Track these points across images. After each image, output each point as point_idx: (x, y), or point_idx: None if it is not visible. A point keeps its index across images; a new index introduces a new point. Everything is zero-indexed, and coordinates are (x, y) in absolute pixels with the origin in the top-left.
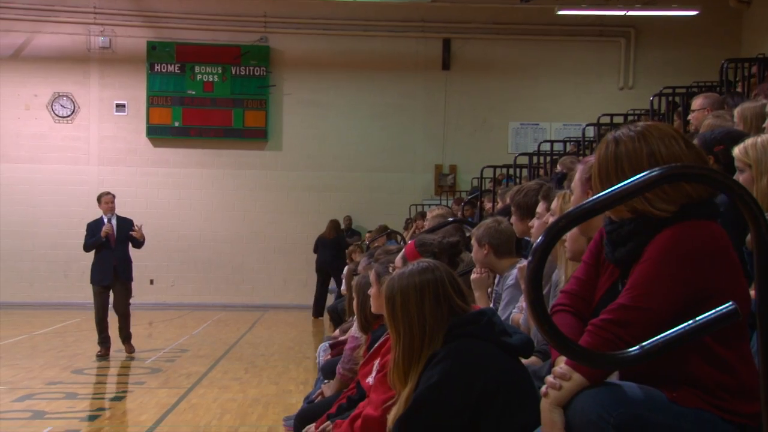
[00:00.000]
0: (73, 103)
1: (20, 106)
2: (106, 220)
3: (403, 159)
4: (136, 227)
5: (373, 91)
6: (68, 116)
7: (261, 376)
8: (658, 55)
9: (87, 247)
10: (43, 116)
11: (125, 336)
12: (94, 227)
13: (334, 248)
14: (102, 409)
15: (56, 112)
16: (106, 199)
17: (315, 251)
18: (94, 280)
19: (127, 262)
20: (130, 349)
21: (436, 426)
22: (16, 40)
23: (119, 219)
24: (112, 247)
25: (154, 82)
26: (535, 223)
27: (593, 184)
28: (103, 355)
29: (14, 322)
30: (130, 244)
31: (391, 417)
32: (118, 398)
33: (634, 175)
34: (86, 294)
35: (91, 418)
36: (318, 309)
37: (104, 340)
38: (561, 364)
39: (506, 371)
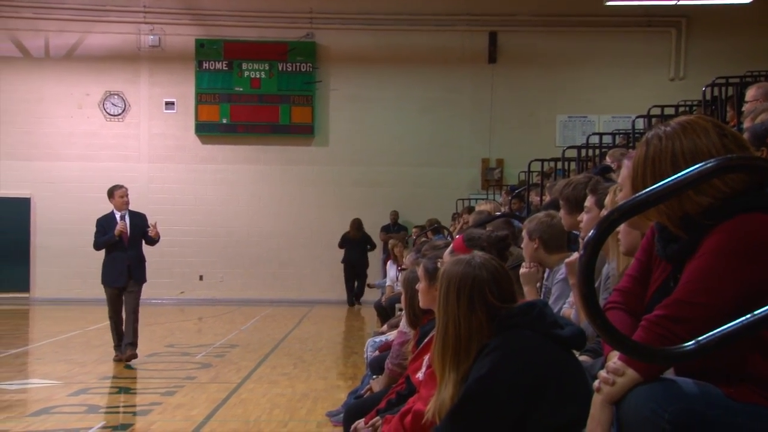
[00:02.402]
0: (124, 101)
1: (73, 105)
2: (118, 217)
3: (450, 153)
4: (151, 226)
5: (419, 86)
6: (119, 114)
7: (309, 371)
8: (710, 44)
9: (98, 246)
10: (94, 115)
11: (130, 342)
12: (105, 223)
13: (360, 246)
14: (154, 403)
15: (107, 110)
16: (120, 193)
17: (341, 246)
18: (106, 282)
19: (141, 262)
20: (132, 355)
21: (487, 417)
22: (68, 41)
23: (132, 214)
24: (125, 246)
25: (203, 80)
26: (584, 217)
27: (631, 185)
28: (121, 360)
29: (68, 318)
30: (143, 242)
31: (432, 406)
32: (170, 393)
33: (660, 180)
34: None
35: (144, 412)
36: (350, 298)
37: (120, 343)
38: (614, 360)
39: (557, 363)
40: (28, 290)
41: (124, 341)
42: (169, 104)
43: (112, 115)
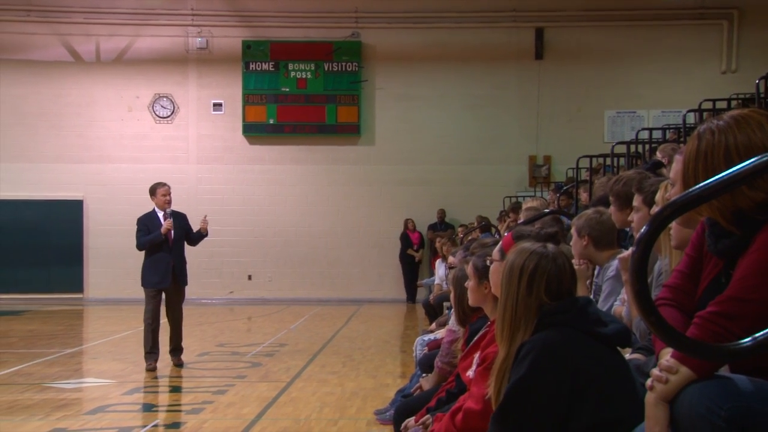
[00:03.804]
0: (173, 103)
1: (123, 107)
2: (162, 216)
3: (496, 151)
4: (202, 219)
5: (465, 83)
6: (168, 116)
7: (358, 369)
8: (763, 36)
9: (142, 245)
10: (144, 117)
11: (176, 347)
12: (147, 222)
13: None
14: (206, 402)
15: (157, 112)
16: (162, 191)
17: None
18: (148, 283)
19: (184, 264)
20: (179, 361)
21: (529, 418)
22: (118, 45)
23: (173, 214)
24: (170, 246)
25: (250, 81)
26: (634, 216)
27: (683, 180)
28: (154, 369)
29: (122, 318)
30: (185, 242)
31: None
32: (221, 392)
33: (713, 175)
34: (188, 290)
35: (196, 410)
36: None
37: (155, 350)
38: (666, 357)
39: (599, 362)
40: (81, 291)
41: (171, 345)
42: (217, 105)
43: (161, 117)
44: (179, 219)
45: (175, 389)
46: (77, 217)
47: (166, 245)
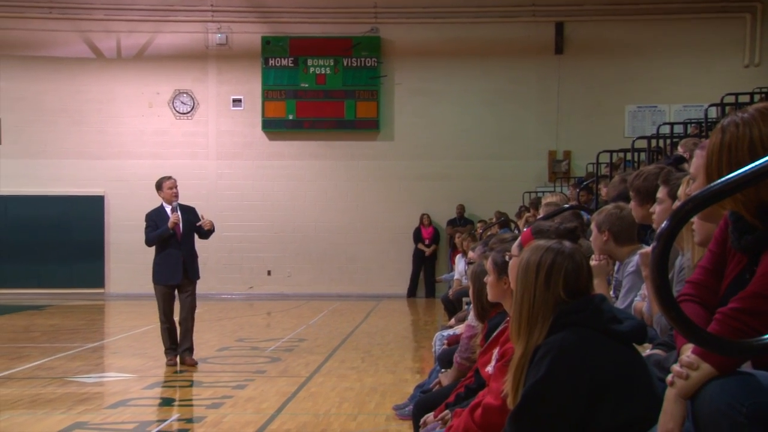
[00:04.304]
0: (193, 99)
1: (144, 104)
2: (169, 210)
3: (516, 146)
4: (202, 218)
5: (485, 78)
6: (188, 112)
7: (377, 365)
8: None
9: (151, 241)
10: (164, 113)
11: (188, 347)
12: (155, 217)
13: None
14: (226, 396)
15: (177, 108)
16: (168, 185)
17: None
18: (159, 279)
19: (195, 258)
20: (192, 361)
21: (547, 420)
22: (139, 41)
23: (182, 208)
24: (179, 241)
25: (269, 77)
26: (656, 208)
27: (705, 174)
28: (174, 364)
29: (142, 313)
30: (196, 236)
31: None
32: (241, 387)
33: (737, 168)
34: (208, 285)
35: (216, 405)
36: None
37: (174, 347)
38: (687, 353)
39: (617, 360)
40: (102, 286)
41: (183, 347)
42: (237, 101)
43: (181, 113)
44: (187, 213)
45: (195, 384)
46: (98, 213)
47: (175, 240)
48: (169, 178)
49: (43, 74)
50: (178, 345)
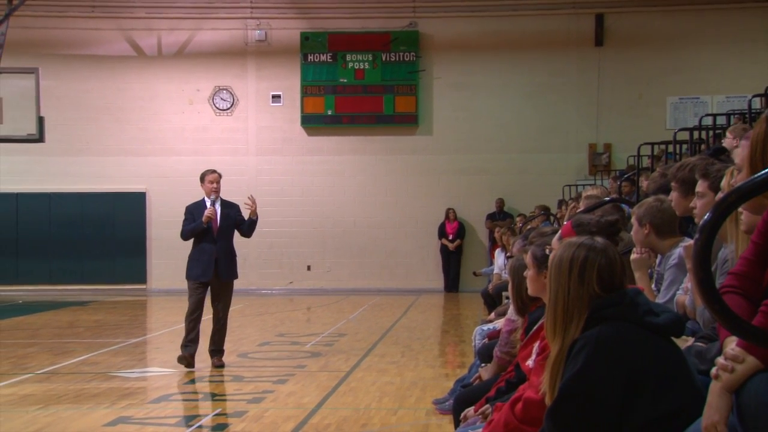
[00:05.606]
0: (233, 95)
1: (184, 101)
2: (209, 203)
3: (556, 139)
4: (249, 198)
5: (524, 71)
6: (228, 109)
7: (417, 359)
8: None
9: (185, 235)
10: (205, 110)
11: (217, 349)
12: (194, 210)
13: None
14: (267, 391)
15: (217, 105)
16: (210, 178)
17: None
18: (191, 275)
19: (232, 257)
20: (219, 362)
21: (585, 414)
22: (179, 38)
23: (224, 204)
24: (214, 237)
25: (308, 72)
26: (697, 203)
27: (750, 165)
28: (189, 363)
29: (183, 309)
30: (236, 234)
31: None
32: (282, 381)
33: None
34: (249, 280)
35: (257, 400)
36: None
37: (192, 343)
38: (731, 346)
39: (653, 354)
40: (145, 282)
41: (213, 347)
42: (276, 97)
43: (221, 109)
44: (230, 209)
45: (237, 378)
46: (140, 210)
47: (210, 236)
48: (213, 171)
49: (85, 72)
50: (197, 340)
